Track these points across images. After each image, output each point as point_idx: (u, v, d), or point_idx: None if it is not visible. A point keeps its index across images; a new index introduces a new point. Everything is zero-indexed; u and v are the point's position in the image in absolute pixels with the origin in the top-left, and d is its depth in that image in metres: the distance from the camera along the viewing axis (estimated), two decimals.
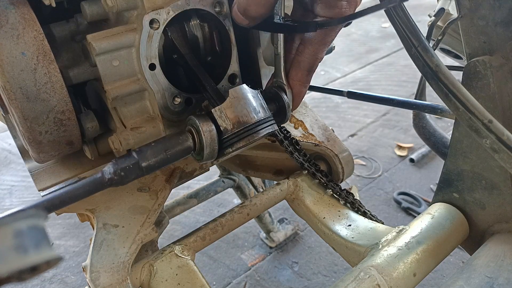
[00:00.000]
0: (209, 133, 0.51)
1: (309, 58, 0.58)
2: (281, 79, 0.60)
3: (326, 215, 0.71)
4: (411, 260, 0.58)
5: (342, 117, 2.44)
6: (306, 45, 0.57)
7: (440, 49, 1.14)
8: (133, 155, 0.48)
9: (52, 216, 0.76)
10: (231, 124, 0.52)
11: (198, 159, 0.54)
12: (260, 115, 0.54)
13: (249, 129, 0.53)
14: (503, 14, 0.54)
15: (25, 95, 0.51)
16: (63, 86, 0.53)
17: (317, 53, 0.58)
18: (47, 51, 0.51)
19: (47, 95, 0.52)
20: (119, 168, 0.47)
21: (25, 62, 0.50)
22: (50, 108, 0.53)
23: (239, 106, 0.53)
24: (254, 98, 0.55)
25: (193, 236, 0.66)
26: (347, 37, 3.57)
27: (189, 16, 0.63)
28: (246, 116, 0.53)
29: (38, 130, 0.54)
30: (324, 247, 1.55)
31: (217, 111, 0.52)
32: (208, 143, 0.52)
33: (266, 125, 0.55)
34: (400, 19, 0.51)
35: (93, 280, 0.54)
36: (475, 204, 0.67)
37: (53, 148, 0.58)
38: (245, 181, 1.38)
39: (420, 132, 1.09)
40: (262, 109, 0.55)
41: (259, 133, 0.54)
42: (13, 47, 0.49)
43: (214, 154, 0.53)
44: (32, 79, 0.51)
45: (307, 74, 0.60)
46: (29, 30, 0.50)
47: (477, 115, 0.47)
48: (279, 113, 0.60)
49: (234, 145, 0.53)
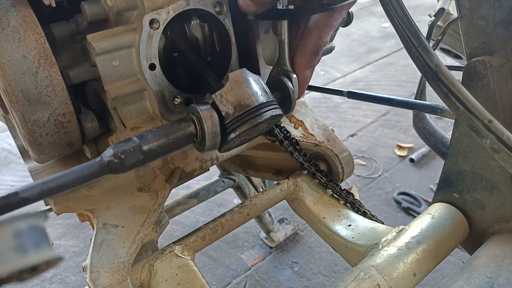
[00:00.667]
0: (210, 119, 0.49)
1: (314, 42, 0.57)
2: (286, 66, 0.58)
3: (326, 215, 0.71)
4: (411, 260, 0.58)
5: (342, 117, 2.44)
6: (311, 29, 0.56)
7: (440, 49, 1.14)
8: (134, 139, 0.46)
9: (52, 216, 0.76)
10: (233, 108, 0.50)
11: (200, 148, 0.52)
12: (263, 99, 0.52)
13: (251, 111, 0.50)
14: (503, 14, 0.54)
15: (26, 98, 0.51)
16: (64, 89, 0.53)
17: (322, 36, 0.57)
18: (49, 54, 0.51)
19: (48, 98, 0.52)
20: (119, 151, 0.44)
21: (26, 65, 0.50)
22: (51, 110, 0.53)
23: (240, 89, 0.51)
24: (256, 82, 0.53)
25: (193, 236, 0.67)
26: (347, 37, 3.57)
27: (189, 16, 0.63)
28: (247, 99, 0.51)
29: (39, 133, 0.54)
30: (324, 247, 1.55)
31: (218, 96, 0.51)
32: (210, 130, 0.50)
33: (269, 108, 0.52)
34: (400, 19, 0.51)
35: (93, 280, 0.54)
36: (475, 204, 0.67)
37: (53, 149, 0.58)
38: (245, 181, 1.38)
39: (420, 132, 1.09)
40: (264, 92, 0.53)
41: (263, 115, 0.51)
42: (15, 50, 0.49)
43: (217, 141, 0.51)
44: (34, 82, 0.51)
45: (312, 58, 0.59)
46: (31, 33, 0.50)
47: (477, 115, 0.47)
48: (284, 101, 0.59)
49: (237, 129, 0.50)
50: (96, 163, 0.43)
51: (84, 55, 0.59)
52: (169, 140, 0.48)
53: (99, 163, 0.43)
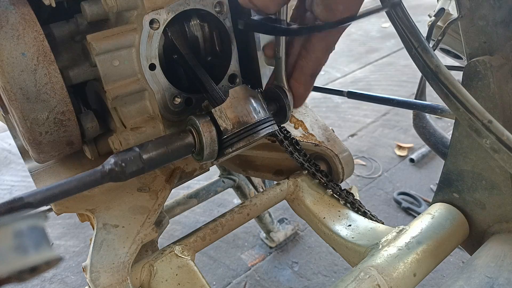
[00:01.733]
0: (209, 134, 0.51)
1: (312, 64, 0.58)
2: (283, 83, 0.59)
3: (326, 215, 0.71)
4: (411, 260, 0.58)
5: (342, 117, 2.44)
6: (309, 52, 0.57)
7: (440, 49, 1.13)
8: (134, 148, 0.48)
9: (52, 216, 0.76)
10: (231, 124, 0.52)
11: (198, 159, 0.54)
12: (260, 115, 0.54)
13: (249, 129, 0.53)
14: (503, 14, 0.54)
15: (25, 95, 0.51)
16: (63, 87, 0.53)
17: (321, 60, 0.58)
18: (47, 51, 0.51)
19: (47, 95, 0.52)
20: (120, 159, 0.46)
21: (25, 62, 0.50)
22: (50, 108, 0.53)
23: (239, 106, 0.53)
24: (254, 98, 0.55)
25: (193, 236, 0.66)
26: (347, 37, 3.57)
27: (189, 16, 0.63)
28: (246, 116, 0.53)
29: (38, 131, 0.54)
30: (324, 247, 1.55)
31: (217, 111, 0.52)
32: (208, 144, 0.52)
33: (266, 125, 0.54)
34: (400, 19, 0.51)
35: (93, 280, 0.54)
36: (475, 204, 0.67)
37: (53, 149, 0.58)
38: (245, 181, 1.38)
39: (420, 132, 1.09)
40: (262, 109, 0.55)
41: (259, 133, 0.53)
42: (14, 48, 0.49)
43: (214, 154, 0.53)
44: (32, 79, 0.51)
45: (310, 79, 0.59)
46: (29, 30, 0.50)
47: (477, 115, 0.47)
48: (279, 113, 0.60)
49: (234, 145, 0.53)
50: (98, 171, 0.45)
51: (84, 55, 0.59)
52: (168, 150, 0.50)
53: (101, 171, 0.45)
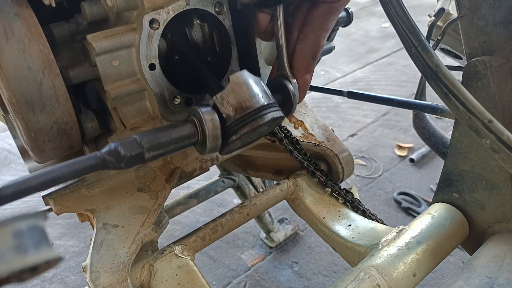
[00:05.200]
0: (211, 122, 0.49)
1: (311, 46, 0.57)
2: (285, 71, 0.58)
3: (326, 215, 0.71)
4: (411, 260, 0.58)
5: (342, 117, 2.43)
6: (307, 33, 0.56)
7: (440, 49, 1.14)
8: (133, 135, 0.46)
9: (52, 216, 0.76)
10: (234, 110, 0.50)
11: (201, 151, 0.52)
12: (264, 101, 0.51)
13: (252, 114, 0.50)
14: (503, 14, 0.54)
15: (31, 108, 0.51)
16: (68, 99, 0.54)
17: (319, 40, 0.57)
18: (53, 65, 0.51)
19: (52, 108, 0.53)
20: (118, 145, 0.44)
21: (31, 76, 0.50)
22: (54, 119, 0.54)
23: (241, 91, 0.50)
24: (257, 84, 0.52)
25: (193, 236, 0.67)
26: (347, 37, 3.56)
27: (189, 16, 0.63)
28: (248, 101, 0.50)
29: (42, 140, 0.55)
30: (324, 247, 1.55)
31: (218, 98, 0.50)
32: (210, 132, 0.49)
33: (270, 110, 0.52)
34: (400, 19, 0.51)
35: (93, 280, 0.54)
36: (475, 204, 0.67)
37: (54, 153, 0.58)
38: (245, 181, 1.38)
39: (420, 132, 1.09)
40: (265, 94, 0.52)
41: (264, 118, 0.50)
42: (20, 61, 0.49)
43: (218, 144, 0.51)
44: (38, 93, 0.51)
45: (311, 63, 0.59)
46: (35, 43, 0.49)
47: (477, 115, 0.47)
48: (285, 103, 0.58)
49: (238, 131, 0.50)
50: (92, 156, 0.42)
51: (84, 55, 0.59)
52: (168, 138, 0.48)
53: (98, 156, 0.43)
